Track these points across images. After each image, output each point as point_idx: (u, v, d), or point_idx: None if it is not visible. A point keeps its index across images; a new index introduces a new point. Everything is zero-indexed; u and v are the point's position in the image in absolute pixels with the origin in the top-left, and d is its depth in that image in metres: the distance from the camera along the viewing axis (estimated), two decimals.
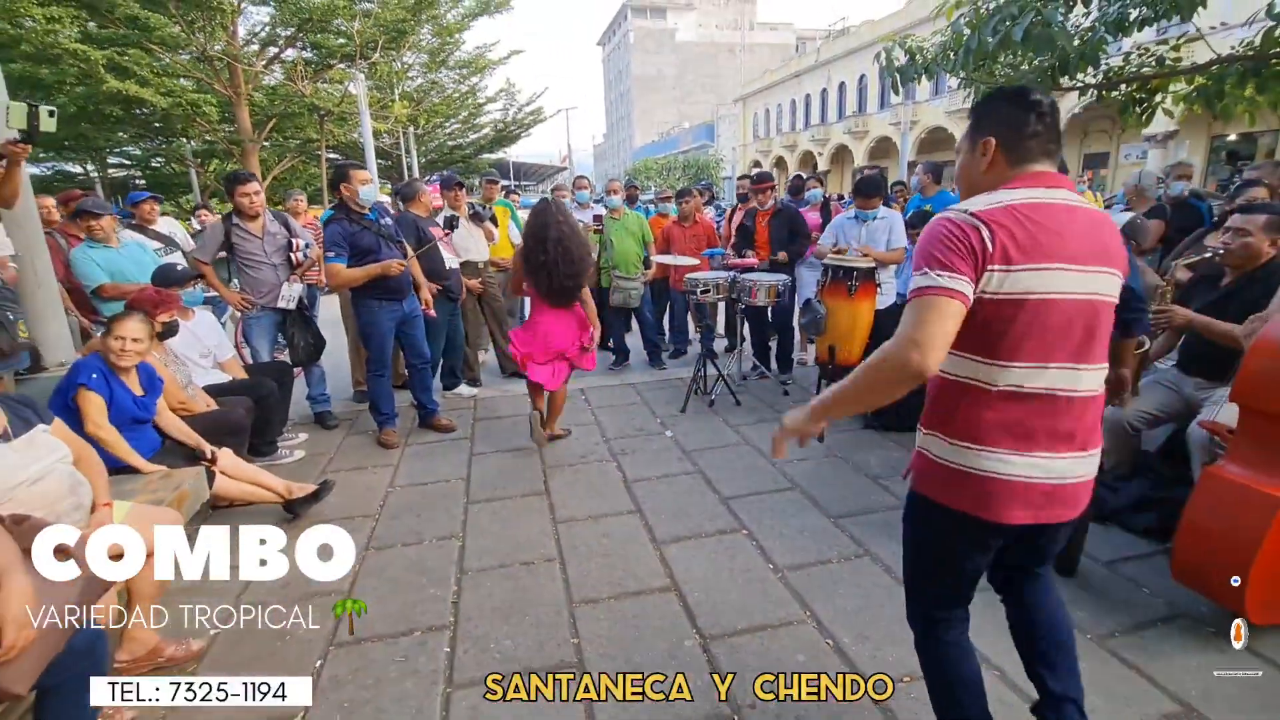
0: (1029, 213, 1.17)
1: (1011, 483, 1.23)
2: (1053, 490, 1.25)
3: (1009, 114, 1.26)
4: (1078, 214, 1.21)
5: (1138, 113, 5.18)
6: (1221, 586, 1.90)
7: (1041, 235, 1.16)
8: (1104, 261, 1.21)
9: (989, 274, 1.16)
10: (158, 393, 2.69)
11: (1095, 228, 1.21)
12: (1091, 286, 1.20)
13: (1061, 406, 1.22)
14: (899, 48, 4.95)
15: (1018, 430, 1.22)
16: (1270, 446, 1.84)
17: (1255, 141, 18.90)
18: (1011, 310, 1.17)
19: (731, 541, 2.68)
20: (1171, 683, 1.83)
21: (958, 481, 1.28)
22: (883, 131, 30.02)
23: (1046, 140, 1.25)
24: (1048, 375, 1.20)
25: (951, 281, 1.15)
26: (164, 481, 2.36)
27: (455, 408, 4.51)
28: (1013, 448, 1.23)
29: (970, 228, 1.16)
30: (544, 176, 46.56)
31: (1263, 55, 4.39)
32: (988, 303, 1.18)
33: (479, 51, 18.93)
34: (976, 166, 1.31)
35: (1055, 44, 4.11)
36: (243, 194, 3.64)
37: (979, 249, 1.15)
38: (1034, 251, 1.15)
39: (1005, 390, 1.21)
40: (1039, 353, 1.19)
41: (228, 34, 12.91)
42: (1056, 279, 1.17)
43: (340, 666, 2.00)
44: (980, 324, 1.19)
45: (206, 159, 17.38)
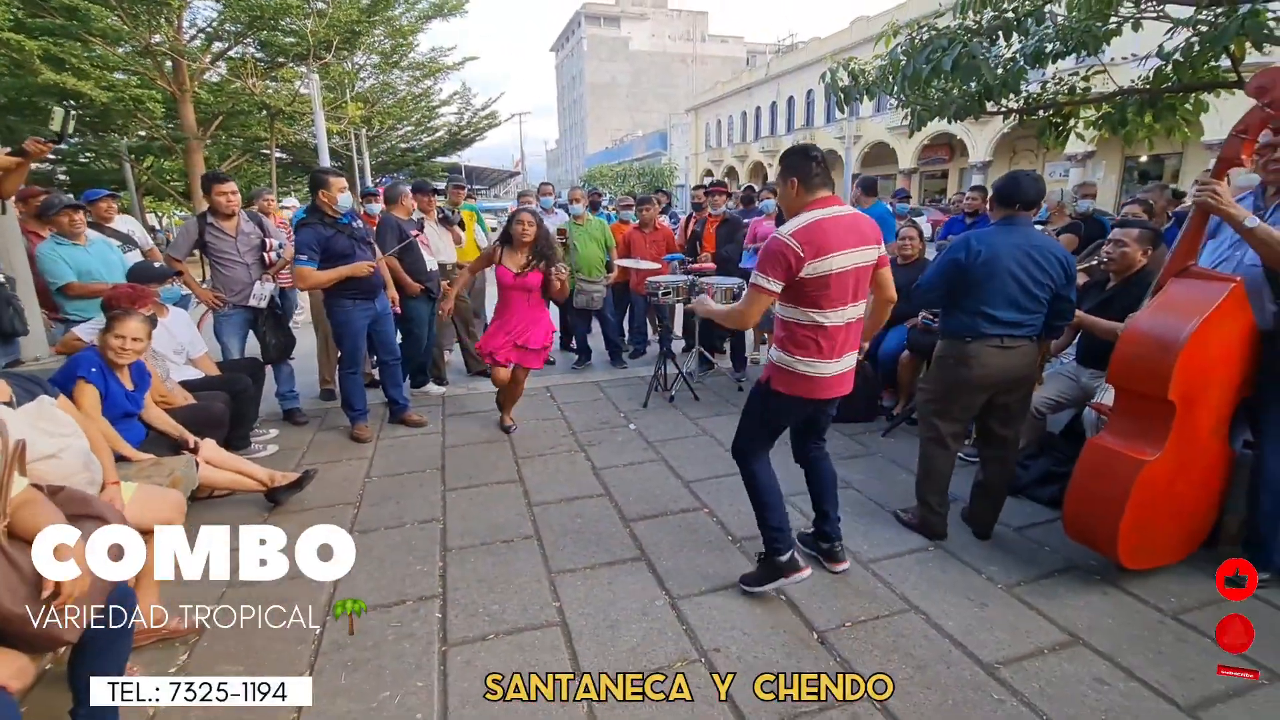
0: (819, 225, 2.00)
1: (819, 378, 2.14)
2: (838, 378, 2.17)
3: (801, 164, 2.08)
4: (844, 218, 2.05)
5: (1053, 136, 5.76)
6: (1101, 538, 2.27)
7: (828, 238, 1.99)
8: (862, 243, 2.06)
9: (805, 267, 1.98)
10: (147, 387, 2.77)
11: (856, 223, 2.07)
12: (856, 259, 2.05)
13: (843, 331, 2.11)
14: (843, 69, 5.37)
15: (825, 346, 2.10)
16: (1137, 418, 2.22)
17: (1162, 163, 20.61)
18: (818, 282, 2.02)
19: (694, 518, 2.94)
20: (1063, 619, 2.18)
21: (792, 378, 2.16)
22: (829, 145, 31.13)
23: (824, 177, 2.08)
24: (840, 314, 2.08)
25: (770, 284, 2.03)
26: (156, 468, 2.46)
27: (423, 405, 4.64)
28: (820, 357, 2.11)
29: (788, 248, 1.98)
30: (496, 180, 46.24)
31: (1156, 89, 4.99)
32: (806, 280, 2.01)
33: (433, 55, 18.83)
34: (789, 196, 2.13)
35: (980, 73, 4.58)
36: (220, 193, 3.71)
37: (793, 260, 1.98)
38: (825, 249, 1.99)
39: (819, 325, 2.08)
40: (836, 302, 2.06)
41: (172, 28, 12.51)
42: (839, 260, 2.01)
43: (339, 633, 2.15)
44: (804, 293, 2.05)
45: (142, 155, 16.70)
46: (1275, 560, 2.32)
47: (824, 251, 1.98)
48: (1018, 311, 2.43)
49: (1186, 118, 5.20)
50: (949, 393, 2.59)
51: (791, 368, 2.15)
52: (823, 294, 2.03)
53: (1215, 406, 2.23)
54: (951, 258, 2.48)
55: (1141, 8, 4.97)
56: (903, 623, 2.18)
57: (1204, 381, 2.16)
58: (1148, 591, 2.31)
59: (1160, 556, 2.35)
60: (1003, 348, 2.45)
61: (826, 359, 2.11)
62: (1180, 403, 2.14)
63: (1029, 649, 2.05)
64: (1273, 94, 2.05)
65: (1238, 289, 2.13)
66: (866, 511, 2.99)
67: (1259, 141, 2.17)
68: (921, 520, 2.74)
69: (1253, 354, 2.21)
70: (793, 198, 2.09)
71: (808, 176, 2.06)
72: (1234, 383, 2.23)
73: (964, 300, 2.48)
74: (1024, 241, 2.42)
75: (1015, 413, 2.61)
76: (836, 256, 2.00)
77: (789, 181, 2.10)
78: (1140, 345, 2.19)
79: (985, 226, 2.60)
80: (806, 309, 2.06)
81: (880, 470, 3.45)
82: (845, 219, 2.04)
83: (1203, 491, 2.34)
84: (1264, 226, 2.10)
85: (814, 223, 2.00)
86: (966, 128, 22.81)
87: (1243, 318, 2.17)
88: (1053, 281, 2.43)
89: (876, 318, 2.39)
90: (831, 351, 2.11)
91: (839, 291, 2.04)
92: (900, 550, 2.64)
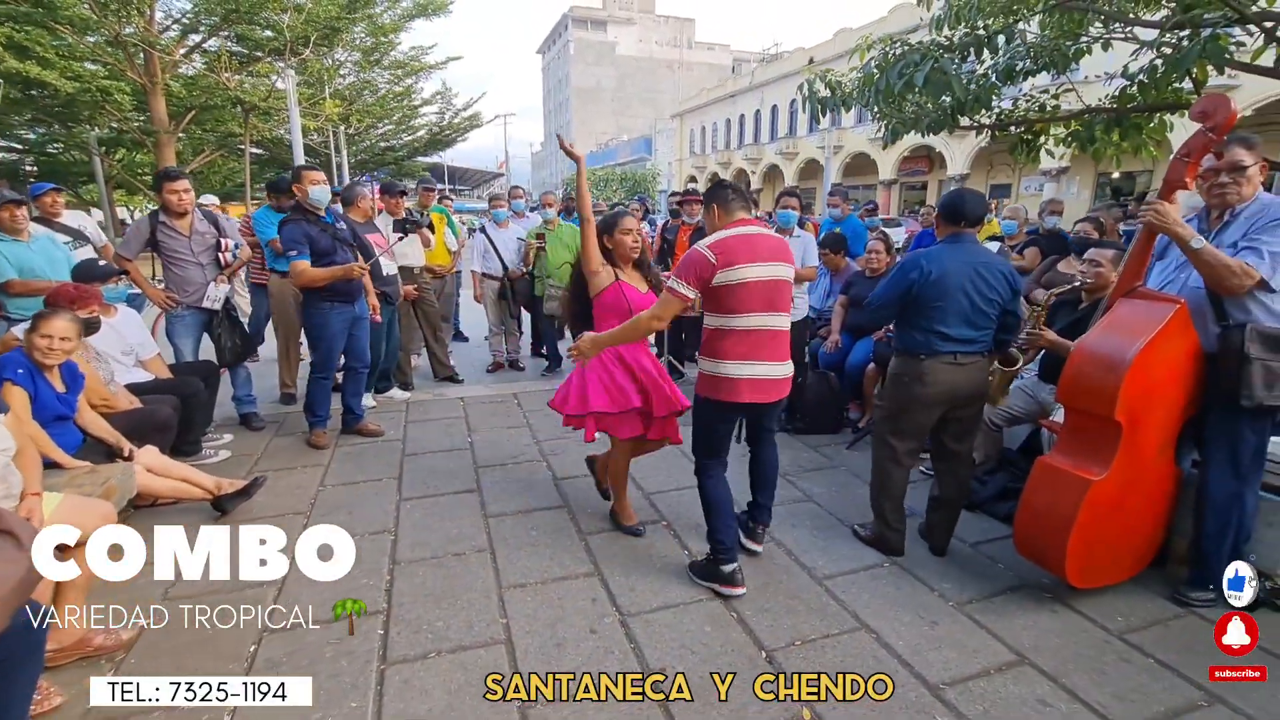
0: (735, 240, 2.23)
1: (741, 379, 2.27)
2: (763, 383, 2.30)
3: (719, 193, 2.39)
4: (757, 236, 2.26)
5: (1025, 152, 5.85)
6: (1050, 557, 2.28)
7: (739, 252, 2.21)
8: (774, 259, 2.27)
9: (717, 275, 2.20)
10: (79, 389, 2.68)
11: (769, 241, 2.28)
12: (769, 273, 2.24)
13: (762, 336, 2.27)
14: (820, 80, 5.41)
15: (743, 350, 2.26)
16: (1085, 438, 2.23)
17: (1134, 179, 21.10)
18: (730, 289, 2.22)
19: (652, 531, 2.90)
20: (1011, 638, 2.18)
21: (717, 383, 2.31)
22: (811, 154, 31.49)
23: (740, 203, 2.36)
24: (753, 320, 2.25)
25: (683, 289, 2.24)
26: (90, 477, 2.37)
27: (386, 411, 4.55)
28: (739, 358, 2.26)
29: (704, 257, 2.21)
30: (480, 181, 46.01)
31: (1123, 109, 5.08)
32: (720, 288, 2.22)
33: (415, 53, 18.66)
34: (712, 221, 2.39)
35: (952, 88, 4.63)
36: (171, 191, 3.60)
37: (706, 268, 2.20)
38: (736, 260, 2.20)
39: (735, 329, 2.26)
40: (749, 309, 2.24)
41: (144, 19, 12.23)
42: (751, 271, 2.21)
43: (274, 650, 2.08)
44: (720, 299, 2.25)
45: (113, 148, 16.32)
46: (1220, 579, 2.33)
47: (735, 262, 2.20)
48: (970, 328, 2.44)
49: (1152, 136, 5.32)
50: (903, 409, 2.59)
51: (714, 372, 2.32)
52: (736, 301, 2.23)
53: (1161, 426, 2.25)
54: (904, 276, 2.48)
55: (1110, 29, 5.08)
56: (852, 642, 2.16)
57: (1150, 402, 2.18)
58: (1095, 610, 2.32)
59: (1109, 575, 2.37)
60: (955, 364, 2.46)
61: (745, 361, 2.27)
62: (1126, 422, 2.15)
63: (976, 669, 2.04)
64: (1215, 119, 2.08)
65: (1182, 310, 2.15)
66: (826, 526, 2.98)
67: (1201, 166, 2.19)
68: (878, 536, 2.73)
69: (1197, 374, 2.23)
70: (715, 221, 2.38)
71: (725, 202, 2.36)
72: (1179, 403, 2.25)
73: (917, 318, 2.49)
74: (972, 259, 2.44)
75: (968, 428, 2.62)
76: (748, 268, 2.21)
77: (711, 208, 2.39)
78: (1087, 365, 2.20)
79: (931, 244, 2.61)
80: (724, 315, 2.28)
81: (843, 484, 3.44)
82: (759, 237, 2.27)
83: (1150, 511, 2.36)
84: (1209, 247, 2.12)
85: (729, 238, 2.24)
86: (945, 141, 23.16)
87: (1187, 339, 2.19)
88: (1000, 297, 2.46)
89: None
90: (750, 355, 2.27)
91: (750, 299, 2.24)
92: (856, 566, 2.63)
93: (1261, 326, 2.13)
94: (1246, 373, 2.11)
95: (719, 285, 2.20)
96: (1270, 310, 2.15)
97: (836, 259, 4.64)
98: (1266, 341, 2.12)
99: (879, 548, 2.73)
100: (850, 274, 4.56)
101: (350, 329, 3.84)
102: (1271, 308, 2.15)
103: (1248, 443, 2.24)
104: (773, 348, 2.30)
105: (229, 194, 20.02)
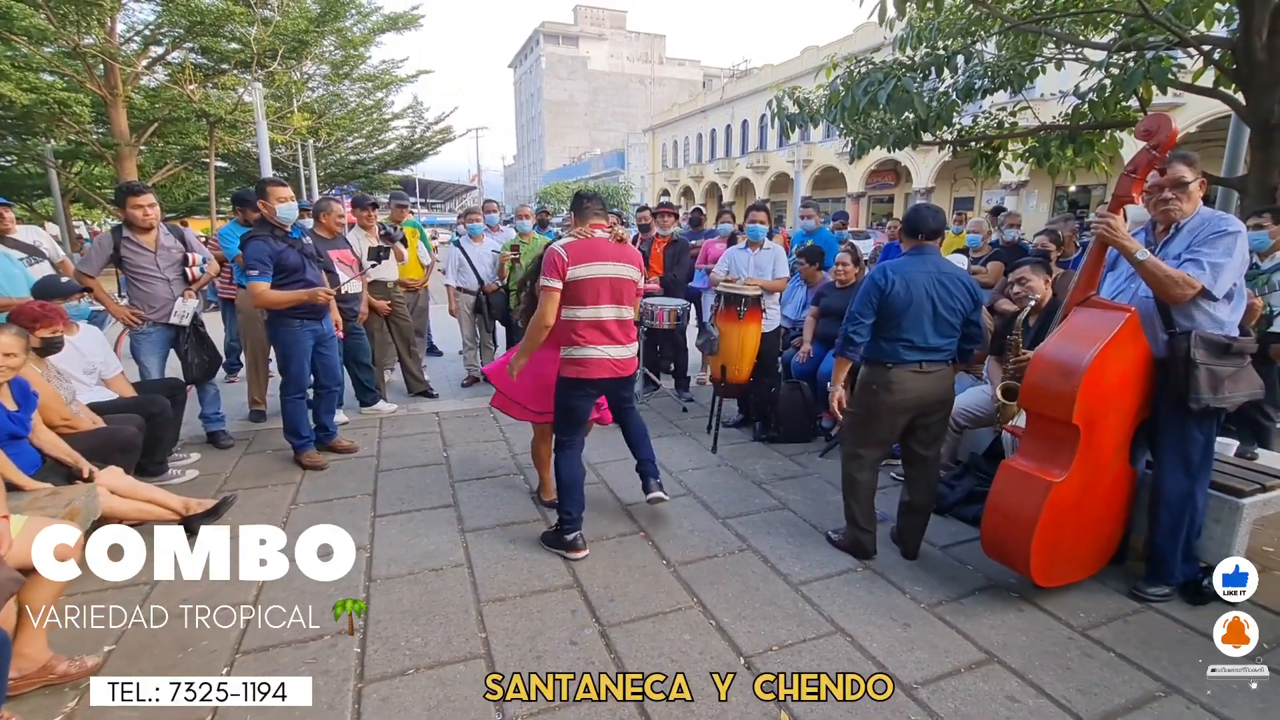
0: (584, 243, 2.68)
1: (592, 359, 2.70)
2: (613, 361, 2.74)
3: (579, 203, 2.83)
4: (604, 241, 2.73)
5: (985, 166, 6.07)
6: (1016, 557, 2.36)
7: (587, 252, 2.65)
8: (619, 260, 2.72)
9: (569, 271, 2.62)
10: (32, 407, 2.59)
11: (614, 246, 2.74)
12: (612, 271, 2.69)
13: (614, 325, 2.72)
14: (788, 97, 5.55)
15: (590, 336, 2.68)
16: (1046, 441, 2.33)
17: (1090, 192, 21.92)
18: (581, 284, 2.64)
19: (630, 542, 2.92)
20: (980, 637, 2.25)
21: (575, 364, 2.72)
22: (781, 168, 32.04)
23: (594, 211, 2.79)
24: (599, 311, 2.68)
25: (551, 284, 2.63)
26: (52, 499, 2.30)
27: (361, 426, 4.50)
28: (592, 343, 2.69)
29: (559, 255, 2.63)
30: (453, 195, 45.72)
31: (1075, 126, 5.31)
32: (570, 283, 2.63)
33: (386, 67, 18.55)
34: (574, 225, 2.83)
35: (914, 105, 4.80)
36: (135, 205, 3.53)
37: (561, 265, 2.62)
38: (584, 259, 2.64)
39: (584, 319, 2.68)
40: (594, 301, 2.67)
41: (104, 29, 11.95)
42: (596, 269, 2.65)
43: (247, 671, 2.04)
44: (572, 293, 2.65)
45: (70, 161, 15.85)
46: (1175, 575, 2.44)
47: (583, 260, 2.64)
48: (936, 336, 2.53)
49: (1104, 152, 5.57)
50: (871, 417, 2.66)
51: (570, 355, 2.73)
52: (584, 293, 2.65)
53: (1116, 429, 2.35)
54: (873, 287, 2.56)
55: (1062, 50, 5.32)
56: (828, 645, 2.20)
57: (1105, 406, 2.27)
58: (1059, 608, 2.40)
59: (1071, 573, 2.45)
60: (921, 372, 2.54)
61: (594, 345, 2.70)
62: (1084, 426, 2.25)
63: (947, 668, 2.09)
64: (1158, 137, 2.20)
65: (1133, 318, 2.26)
66: (801, 533, 3.02)
67: (1146, 182, 2.32)
68: (851, 540, 2.79)
69: (1149, 379, 2.34)
70: (575, 226, 2.84)
71: (581, 210, 2.81)
72: (1132, 407, 2.35)
73: (884, 328, 2.57)
74: (934, 269, 2.53)
75: (936, 434, 2.70)
76: (594, 265, 2.65)
77: (573, 214, 2.88)
78: (1046, 371, 2.29)
79: (895, 256, 2.71)
80: (574, 306, 2.68)
81: (816, 491, 3.50)
82: (605, 241, 2.74)
83: (1108, 510, 2.46)
84: (1153, 259, 2.24)
85: (581, 240, 2.71)
86: (910, 155, 23.80)
87: (1138, 345, 2.29)
88: (962, 307, 2.55)
89: None
90: (598, 340, 2.70)
91: (595, 293, 2.67)
92: (831, 572, 2.68)
93: (1204, 333, 2.25)
94: (1193, 377, 2.23)
95: (571, 280, 2.63)
96: (1213, 317, 2.27)
97: (812, 271, 4.75)
98: (1210, 347, 2.24)
99: (852, 552, 2.78)
100: (822, 285, 4.66)
101: (317, 347, 3.78)
102: (1214, 315, 2.27)
103: (1197, 442, 2.35)
104: (620, 334, 2.75)
105: (193, 208, 19.57)
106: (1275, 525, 2.90)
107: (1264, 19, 3.81)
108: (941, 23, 5.08)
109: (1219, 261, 2.20)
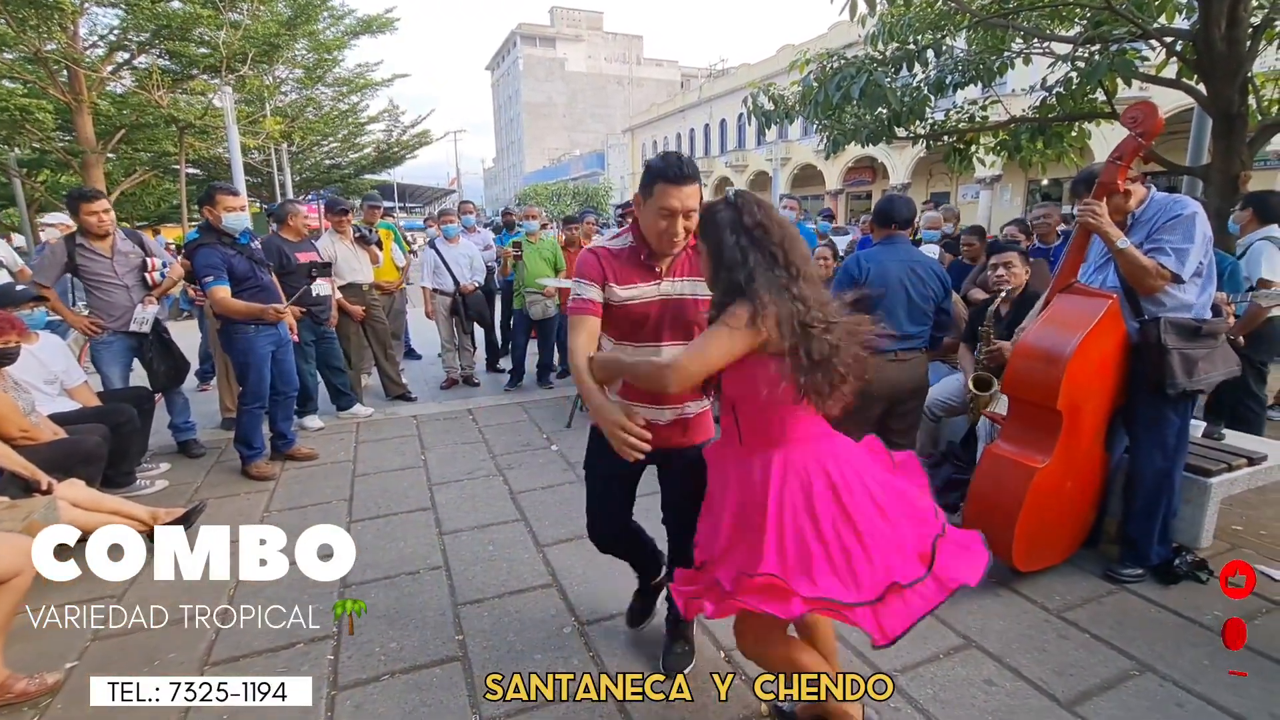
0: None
1: None
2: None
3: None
4: None
5: (958, 160, 6.13)
6: (997, 543, 2.37)
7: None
8: None
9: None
10: None
11: None
12: None
13: None
14: (764, 94, 5.57)
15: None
16: (1029, 427, 2.34)
17: (1061, 185, 22.25)
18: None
19: None
20: (959, 623, 2.25)
21: None
22: (760, 166, 32.19)
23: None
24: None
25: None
26: (9, 512, 2.23)
27: (337, 432, 4.43)
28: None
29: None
30: (432, 198, 45.34)
31: (1044, 118, 5.39)
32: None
33: (360, 70, 18.34)
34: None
35: (887, 100, 4.84)
36: (89, 212, 3.43)
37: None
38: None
39: None
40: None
41: (67, 34, 11.67)
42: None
43: (219, 674, 1.98)
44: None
45: (35, 169, 15.46)
46: (1150, 557, 2.47)
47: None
48: (909, 323, 2.54)
49: (1073, 144, 5.66)
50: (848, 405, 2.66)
51: None
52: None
53: (1096, 414, 2.37)
54: (847, 276, 2.57)
55: (1029, 44, 5.39)
56: None
57: (1087, 391, 2.30)
58: (1035, 591, 2.42)
59: (1049, 557, 2.47)
60: (896, 360, 2.55)
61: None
62: (1067, 412, 2.26)
63: (927, 654, 2.10)
64: (1144, 125, 2.22)
65: (1114, 305, 2.28)
66: None
67: (1131, 169, 2.33)
68: None
69: (1125, 364, 2.36)
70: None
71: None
72: (1111, 391, 2.37)
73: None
74: (907, 257, 2.55)
75: (912, 421, 2.72)
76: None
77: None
78: (1031, 358, 2.31)
79: (868, 247, 2.71)
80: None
81: None
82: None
83: (1085, 495, 2.48)
84: (1133, 248, 2.26)
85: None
86: (887, 152, 24.03)
87: (1118, 331, 2.32)
88: (934, 294, 2.57)
89: None
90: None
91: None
92: None
93: (1173, 318, 2.28)
94: (1167, 363, 2.25)
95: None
96: (1179, 300, 2.30)
97: None
98: (1180, 331, 2.27)
99: None
100: None
101: (274, 353, 3.69)
102: (1180, 297, 2.30)
103: (1172, 425, 2.38)
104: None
105: (164, 216, 19.18)
106: (1243, 504, 2.95)
107: (1222, 11, 3.89)
108: (912, 18, 5.13)
109: (1182, 247, 2.23)
